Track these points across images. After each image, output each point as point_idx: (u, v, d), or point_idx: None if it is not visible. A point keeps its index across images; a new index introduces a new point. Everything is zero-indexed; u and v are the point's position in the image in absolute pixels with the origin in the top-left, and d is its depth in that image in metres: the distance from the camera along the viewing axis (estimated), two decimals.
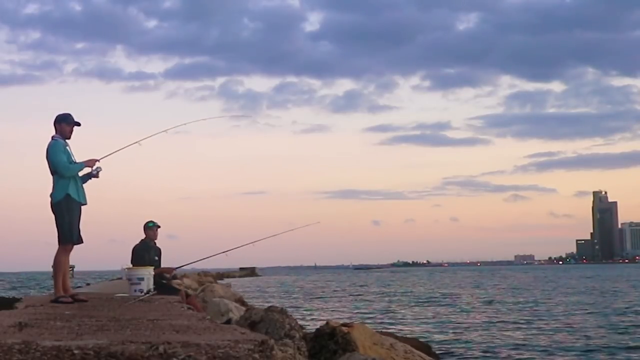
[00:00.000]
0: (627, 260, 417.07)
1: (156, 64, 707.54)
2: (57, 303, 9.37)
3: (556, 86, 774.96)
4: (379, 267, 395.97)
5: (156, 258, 13.27)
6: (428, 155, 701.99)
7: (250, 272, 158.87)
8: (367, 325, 14.35)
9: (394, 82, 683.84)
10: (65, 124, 10.10)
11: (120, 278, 33.63)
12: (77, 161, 10.08)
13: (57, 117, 10.19)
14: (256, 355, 4.48)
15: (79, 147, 10.15)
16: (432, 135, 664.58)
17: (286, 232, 15.12)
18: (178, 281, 26.58)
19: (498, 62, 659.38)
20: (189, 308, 9.34)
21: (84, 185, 10.15)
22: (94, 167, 10.15)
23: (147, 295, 11.30)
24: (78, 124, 10.18)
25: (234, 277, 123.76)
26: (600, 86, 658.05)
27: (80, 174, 10.10)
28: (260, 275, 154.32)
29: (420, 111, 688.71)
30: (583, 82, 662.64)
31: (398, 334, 18.35)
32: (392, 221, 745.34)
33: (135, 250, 13.21)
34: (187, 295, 13.45)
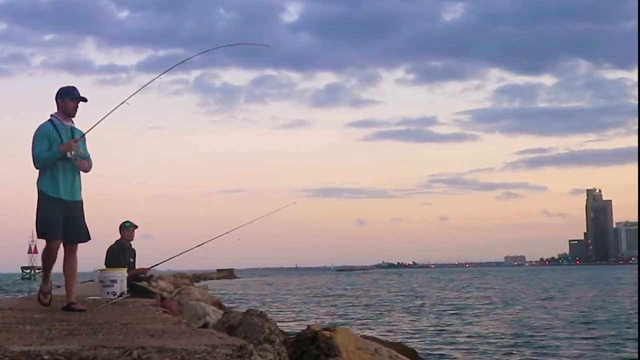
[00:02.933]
0: (621, 262, 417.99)
1: (128, 57, 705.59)
2: (42, 305, 9.12)
3: (547, 79, 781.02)
4: (362, 268, 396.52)
5: (131, 260, 13.25)
6: (413, 152, 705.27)
7: (228, 273, 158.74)
8: (350, 329, 14.38)
9: (377, 75, 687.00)
10: (68, 99, 9.08)
11: (92, 280, 33.54)
12: (85, 146, 9.08)
13: (59, 90, 9.19)
14: None
15: None
16: (417, 131, 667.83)
17: (263, 217, 14.97)
18: (153, 283, 26.56)
19: (486, 54, 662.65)
20: (164, 311, 9.35)
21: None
22: (71, 152, 8.80)
23: (121, 298, 11.29)
24: (84, 100, 9.20)
25: (211, 279, 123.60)
26: (593, 79, 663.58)
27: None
28: (238, 277, 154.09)
29: (404, 106, 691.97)
30: (575, 75, 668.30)
31: (382, 339, 18.39)
32: (377, 220, 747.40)
33: (111, 252, 13.17)
34: (163, 298, 13.44)
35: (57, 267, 8.94)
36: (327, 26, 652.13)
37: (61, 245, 8.89)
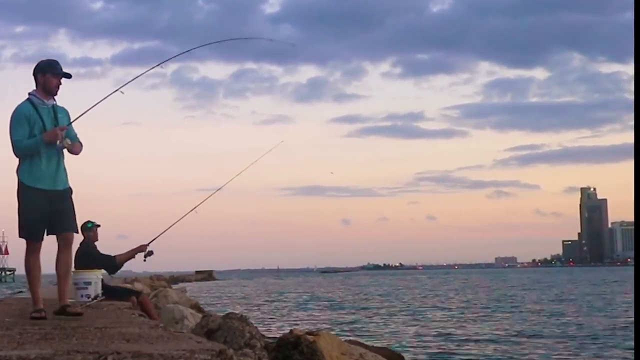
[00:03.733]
0: (618, 263, 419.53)
1: (103, 49, 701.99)
2: (31, 319, 7.94)
3: (539, 73, 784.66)
4: (347, 270, 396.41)
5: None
6: (400, 149, 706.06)
7: (207, 275, 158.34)
8: (334, 333, 14.43)
9: (362, 68, 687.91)
10: (51, 74, 8.29)
11: None
12: (69, 128, 8.33)
13: (39, 64, 8.41)
14: None
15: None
16: (404, 127, 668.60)
17: (252, 164, 14.87)
18: (128, 285, 26.51)
19: (475, 47, 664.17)
20: (140, 312, 9.36)
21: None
22: (59, 142, 8.11)
23: (95, 301, 11.30)
24: (68, 76, 8.41)
25: (189, 281, 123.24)
26: (587, 73, 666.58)
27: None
28: (218, 280, 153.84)
29: (391, 100, 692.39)
30: (568, 68, 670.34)
31: (368, 343, 18.43)
32: (362, 220, 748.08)
33: (82, 254, 13.05)
34: (139, 293, 13.42)
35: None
36: (309, 18, 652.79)
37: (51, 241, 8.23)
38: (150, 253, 13.30)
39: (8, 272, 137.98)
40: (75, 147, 8.31)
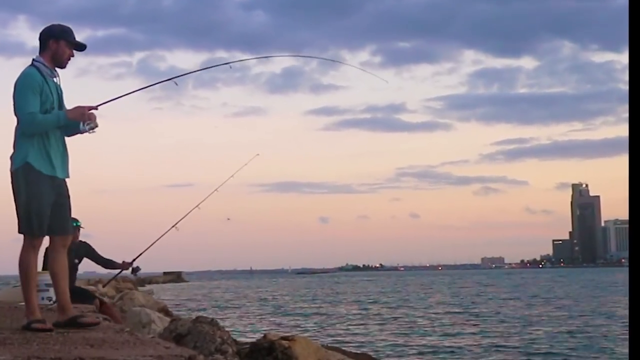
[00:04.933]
0: (614, 264, 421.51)
1: None
2: (29, 330, 6.82)
3: (527, 62, 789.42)
4: (324, 271, 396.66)
5: (76, 261, 13.17)
6: (380, 142, 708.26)
7: (175, 277, 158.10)
8: (310, 338, 14.48)
9: (339, 57, 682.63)
10: (65, 42, 7.27)
11: None
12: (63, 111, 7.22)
13: (51, 29, 7.35)
14: None
15: None
16: (384, 120, 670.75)
17: (229, 179, 15.01)
18: (92, 287, 26.48)
19: (460, 34, 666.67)
20: (104, 319, 9.36)
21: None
22: (86, 123, 7.22)
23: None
24: (82, 47, 7.47)
25: (157, 282, 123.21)
26: (579, 62, 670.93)
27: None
28: (187, 281, 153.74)
29: (370, 92, 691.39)
30: (558, 57, 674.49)
31: (346, 349, 18.52)
32: (340, 218, 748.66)
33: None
34: (102, 303, 13.44)
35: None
36: (283, 3, 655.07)
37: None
38: (138, 269, 13.58)
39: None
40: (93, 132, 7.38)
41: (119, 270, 13.99)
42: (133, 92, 8.40)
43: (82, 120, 7.14)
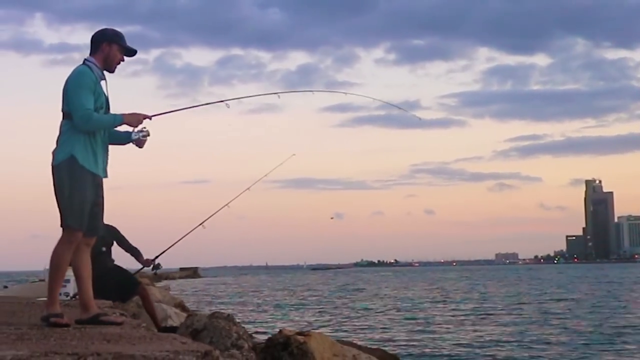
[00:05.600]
0: (629, 259, 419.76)
1: (81, 35, 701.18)
2: (47, 324, 6.83)
3: (541, 59, 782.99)
4: (339, 267, 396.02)
5: (104, 248, 12.83)
6: (394, 139, 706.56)
7: (192, 272, 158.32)
8: (325, 334, 14.45)
9: (354, 55, 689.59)
10: (118, 47, 7.32)
11: (43, 280, 33.37)
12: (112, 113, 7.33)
13: (105, 32, 7.40)
14: None
15: None
16: (398, 116, 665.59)
17: (261, 179, 15.06)
18: None
19: (474, 31, 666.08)
20: (121, 314, 9.33)
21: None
22: (138, 128, 7.33)
23: (74, 299, 11.29)
24: (132, 53, 7.51)
25: (173, 278, 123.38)
26: (592, 59, 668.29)
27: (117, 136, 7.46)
28: (203, 277, 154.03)
29: (385, 88, 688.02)
30: (572, 54, 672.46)
31: (361, 344, 18.48)
32: (355, 214, 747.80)
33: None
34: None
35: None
36: (299, 1, 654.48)
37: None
38: (159, 266, 13.56)
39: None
40: (141, 143, 7.45)
41: (140, 267, 13.92)
42: (185, 108, 8.56)
43: (136, 126, 7.26)
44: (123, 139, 7.42)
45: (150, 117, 7.40)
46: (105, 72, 7.32)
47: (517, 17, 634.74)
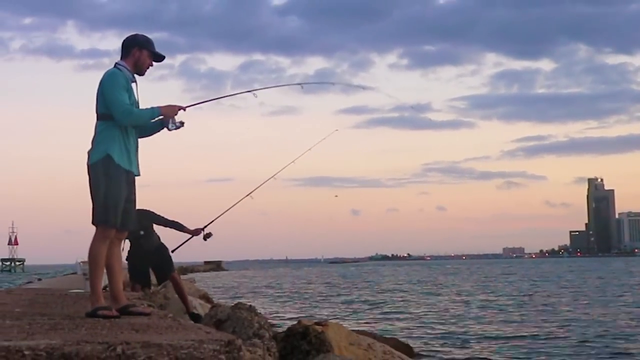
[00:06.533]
0: (628, 254, 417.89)
1: (110, 41, 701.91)
2: (94, 317, 6.81)
3: (546, 64, 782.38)
4: (355, 260, 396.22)
5: (142, 232, 12.73)
6: (407, 140, 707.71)
7: (215, 266, 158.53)
8: (342, 324, 14.40)
9: (369, 60, 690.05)
10: (148, 52, 7.37)
11: (75, 272, 33.41)
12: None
13: (136, 37, 7.46)
14: (222, 357, 4.51)
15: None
16: (411, 118, 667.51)
17: (305, 153, 15.16)
18: None
19: (482, 38, 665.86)
20: (149, 305, 9.33)
21: (153, 136, 7.60)
22: (173, 121, 7.44)
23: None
24: (161, 59, 7.60)
25: (198, 271, 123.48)
26: (594, 64, 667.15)
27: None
28: (226, 270, 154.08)
29: (398, 91, 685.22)
30: (575, 59, 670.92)
31: (376, 333, 18.43)
32: (370, 211, 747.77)
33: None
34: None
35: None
36: (316, 9, 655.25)
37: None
38: (210, 235, 13.42)
39: (18, 263, 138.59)
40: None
41: (188, 237, 13.59)
42: (215, 99, 8.98)
43: (172, 116, 7.36)
44: (156, 129, 7.56)
45: (184, 108, 7.49)
46: (135, 76, 7.38)
47: (523, 24, 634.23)
